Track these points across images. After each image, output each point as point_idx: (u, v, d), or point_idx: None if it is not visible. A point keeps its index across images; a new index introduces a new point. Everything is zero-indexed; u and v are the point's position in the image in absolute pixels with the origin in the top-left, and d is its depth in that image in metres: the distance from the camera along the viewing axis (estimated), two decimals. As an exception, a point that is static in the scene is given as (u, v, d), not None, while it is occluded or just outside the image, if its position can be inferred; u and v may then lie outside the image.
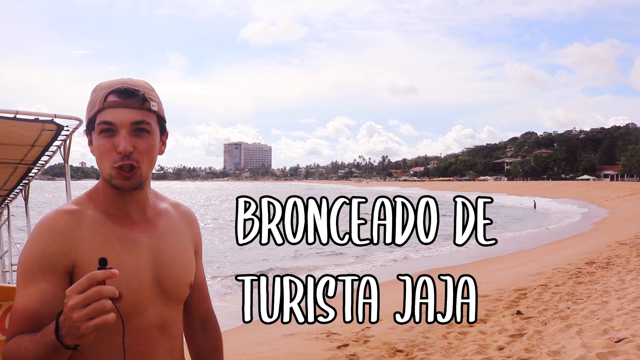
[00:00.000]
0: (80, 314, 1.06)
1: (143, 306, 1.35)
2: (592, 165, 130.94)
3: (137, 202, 1.42)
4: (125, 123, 1.31)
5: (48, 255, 1.28)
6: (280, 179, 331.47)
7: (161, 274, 1.40)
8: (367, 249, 18.74)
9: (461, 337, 6.10)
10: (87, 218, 1.35)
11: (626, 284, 8.19)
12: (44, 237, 1.30)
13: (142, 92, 1.35)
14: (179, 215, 1.56)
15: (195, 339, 1.64)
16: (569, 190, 66.40)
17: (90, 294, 1.07)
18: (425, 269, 14.07)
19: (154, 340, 1.38)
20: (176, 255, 1.46)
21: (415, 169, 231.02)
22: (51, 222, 1.32)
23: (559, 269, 10.54)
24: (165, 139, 1.46)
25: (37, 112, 3.39)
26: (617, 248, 13.68)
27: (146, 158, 1.35)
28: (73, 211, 1.35)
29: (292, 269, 14.57)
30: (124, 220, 1.39)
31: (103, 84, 1.37)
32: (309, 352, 5.87)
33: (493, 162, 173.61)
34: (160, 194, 1.58)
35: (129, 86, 1.34)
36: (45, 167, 5.46)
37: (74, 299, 1.07)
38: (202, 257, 1.65)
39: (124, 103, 1.32)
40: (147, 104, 1.35)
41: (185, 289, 1.48)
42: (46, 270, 1.26)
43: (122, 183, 1.33)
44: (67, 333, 1.09)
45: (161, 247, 1.43)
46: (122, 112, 1.31)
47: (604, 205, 40.96)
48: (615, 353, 4.72)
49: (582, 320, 6.20)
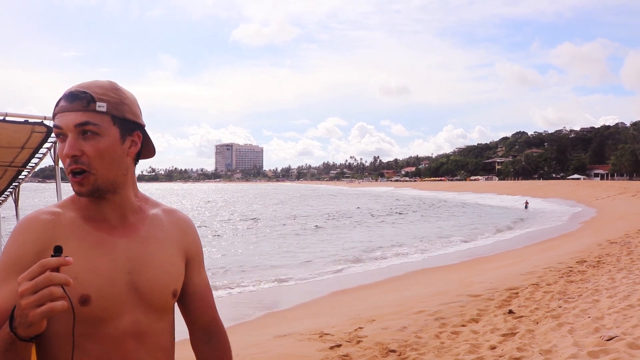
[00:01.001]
0: (28, 300, 1.04)
1: (116, 312, 1.30)
2: (582, 164, 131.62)
3: (115, 207, 1.38)
4: (69, 126, 1.28)
5: (22, 255, 1.26)
6: (272, 180, 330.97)
7: (138, 279, 1.35)
8: (360, 250, 18.79)
9: (453, 337, 6.12)
10: (65, 220, 1.33)
11: (617, 282, 8.24)
12: (20, 237, 1.29)
13: (90, 94, 1.31)
14: (171, 221, 1.51)
15: (201, 351, 1.57)
16: (560, 189, 66.71)
17: (40, 280, 1.05)
18: (415, 269, 14.09)
19: (130, 349, 1.32)
20: (157, 262, 1.40)
21: (406, 169, 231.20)
22: (28, 222, 1.31)
23: (550, 268, 10.59)
24: (136, 139, 1.40)
25: (26, 114, 3.37)
26: (608, 247, 13.77)
27: (98, 161, 1.30)
28: (51, 212, 1.34)
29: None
30: (102, 224, 1.36)
31: (70, 88, 1.35)
32: (301, 353, 5.87)
33: (484, 162, 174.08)
34: (154, 199, 1.54)
35: (75, 89, 1.32)
36: (35, 170, 5.43)
37: (23, 285, 1.05)
38: (203, 265, 1.59)
39: (69, 107, 1.30)
40: (92, 105, 1.30)
41: (167, 297, 1.41)
42: (20, 269, 1.20)
43: (78, 189, 1.31)
44: (19, 323, 1.07)
45: (141, 252, 1.38)
46: (67, 116, 1.29)
47: (594, 205, 41.18)
48: (606, 351, 4.74)
49: (573, 318, 6.23)
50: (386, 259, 16.73)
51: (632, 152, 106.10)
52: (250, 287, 12.38)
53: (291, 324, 7.84)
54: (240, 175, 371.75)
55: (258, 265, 15.61)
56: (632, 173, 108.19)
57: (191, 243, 1.54)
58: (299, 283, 12.95)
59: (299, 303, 10.27)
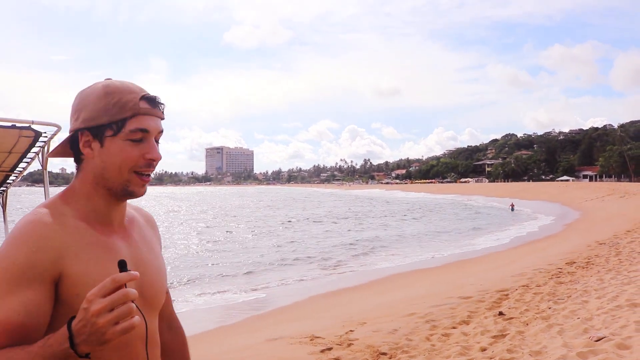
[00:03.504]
0: (107, 318, 1.03)
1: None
2: (571, 166, 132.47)
3: (121, 210, 1.39)
4: (156, 131, 1.33)
5: (34, 263, 1.17)
6: (262, 183, 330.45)
7: (142, 283, 1.33)
8: (343, 252, 18.80)
9: (444, 339, 6.14)
10: (68, 224, 1.27)
11: (605, 283, 8.30)
12: (29, 242, 1.19)
13: (162, 103, 1.37)
14: (144, 220, 1.54)
15: (164, 339, 1.60)
16: (549, 191, 67.11)
17: (117, 297, 1.04)
18: (406, 271, 14.12)
19: (139, 352, 1.32)
20: (152, 263, 1.43)
21: (397, 171, 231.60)
22: (36, 226, 1.22)
23: (540, 270, 10.65)
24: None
25: (14, 119, 3.35)
26: (597, 248, 13.87)
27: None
28: (53, 216, 1.26)
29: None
30: (105, 228, 1.34)
31: (128, 87, 1.33)
32: (292, 356, 5.86)
33: (474, 164, 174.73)
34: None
35: (154, 96, 1.35)
36: (24, 174, 5.39)
37: (99, 303, 1.03)
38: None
39: (153, 111, 1.33)
40: (164, 114, 1.38)
41: (163, 296, 1.46)
42: (31, 279, 1.16)
43: (139, 190, 1.33)
44: (85, 340, 1.05)
45: (138, 255, 1.39)
46: (154, 121, 1.33)
47: (582, 206, 41.48)
48: (595, 352, 4.78)
49: (563, 320, 6.26)
50: (376, 261, 16.75)
51: (620, 154, 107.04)
52: (240, 290, 12.35)
53: (282, 327, 7.83)
54: (231, 179, 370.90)
55: (247, 267, 15.56)
56: (620, 174, 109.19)
57: (159, 239, 1.58)
58: (290, 285, 12.93)
59: (290, 306, 10.26)
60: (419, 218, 37.97)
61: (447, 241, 21.98)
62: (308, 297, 11.15)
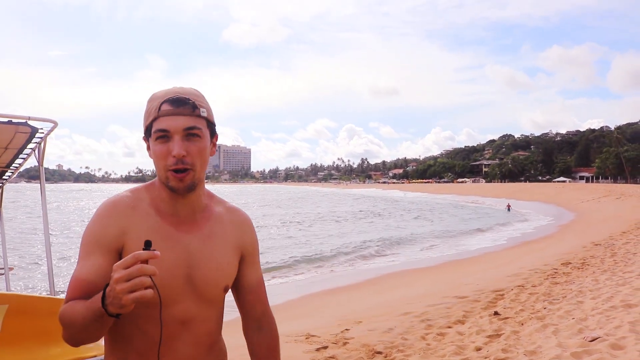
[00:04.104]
0: (122, 286, 1.18)
1: (172, 300, 1.47)
2: (567, 167, 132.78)
3: (187, 204, 1.53)
4: (179, 129, 1.43)
5: (105, 234, 1.44)
6: (259, 182, 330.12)
7: (194, 273, 1.51)
8: (334, 251, 18.79)
9: (439, 339, 6.15)
10: (140, 209, 1.50)
11: (600, 284, 8.32)
12: (104, 217, 1.47)
13: (192, 100, 1.47)
14: (231, 220, 1.66)
15: (251, 340, 1.75)
16: (546, 192, 67.24)
17: (133, 270, 1.19)
18: (401, 270, 14.13)
19: (175, 333, 1.49)
20: (213, 258, 1.55)
21: (394, 171, 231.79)
22: (113, 205, 1.49)
23: (535, 270, 10.68)
24: (215, 141, 1.57)
25: (10, 114, 3.34)
26: (592, 249, 13.90)
27: (198, 160, 1.47)
28: (130, 199, 1.51)
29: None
30: (172, 218, 1.52)
31: (157, 94, 1.49)
32: (288, 355, 5.85)
33: (471, 165, 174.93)
34: (219, 197, 1.69)
35: (180, 95, 1.46)
36: (20, 170, 5.37)
37: (119, 273, 1.20)
38: (258, 262, 1.74)
39: (176, 111, 1.44)
40: (197, 110, 1.46)
41: (218, 291, 1.57)
42: (102, 247, 1.43)
43: (177, 185, 1.46)
44: (111, 302, 1.21)
45: (200, 248, 1.53)
46: (175, 120, 1.44)
47: (578, 207, 41.57)
48: (589, 352, 4.79)
49: (557, 320, 6.28)
50: (373, 260, 16.77)
51: (616, 156, 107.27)
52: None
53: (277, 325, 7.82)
54: (228, 177, 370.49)
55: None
56: (617, 176, 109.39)
57: (248, 241, 1.69)
58: (285, 284, 12.94)
59: (285, 304, 10.25)
60: (414, 217, 38.01)
61: (443, 241, 21.99)
62: (303, 295, 11.14)
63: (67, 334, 1.38)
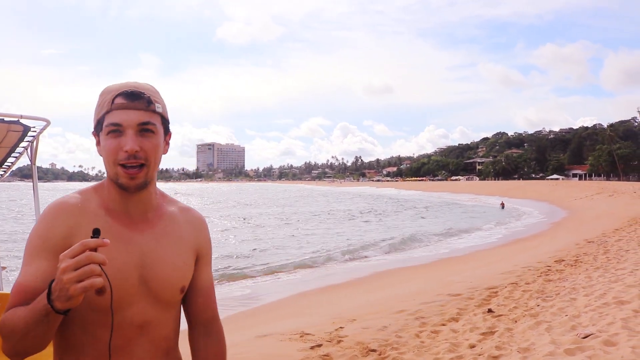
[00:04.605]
0: (70, 276, 1.13)
1: (126, 303, 1.39)
2: (561, 165, 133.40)
3: (138, 202, 1.48)
4: (132, 124, 1.38)
5: (50, 237, 1.37)
6: (253, 180, 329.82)
7: (148, 274, 1.44)
8: (330, 250, 18.80)
9: (433, 336, 6.16)
10: (88, 209, 1.43)
11: (593, 281, 8.37)
12: (49, 219, 1.39)
13: (148, 95, 1.42)
14: (186, 219, 1.60)
15: (197, 346, 1.65)
16: (539, 189, 67.51)
17: (81, 258, 1.14)
18: (395, 268, 14.16)
19: (132, 337, 1.42)
20: (168, 258, 1.49)
21: (388, 169, 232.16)
22: (58, 207, 1.41)
23: (529, 267, 10.72)
24: (168, 139, 1.52)
25: (2, 113, 3.32)
26: (585, 246, 13.97)
27: (152, 157, 1.42)
28: (78, 200, 1.44)
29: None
30: (123, 218, 1.46)
31: (111, 87, 1.43)
32: (282, 353, 5.86)
33: (465, 162, 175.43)
34: (172, 197, 1.64)
35: (135, 89, 1.41)
36: (12, 169, 5.35)
37: (66, 262, 1.15)
38: (211, 264, 1.67)
39: (130, 105, 1.39)
40: (152, 105, 1.42)
41: (174, 293, 1.50)
42: (47, 250, 1.35)
43: (127, 182, 1.40)
44: (57, 296, 1.16)
45: (154, 248, 1.47)
46: (129, 114, 1.38)
47: (572, 205, 41.75)
48: (582, 349, 4.82)
49: (551, 317, 6.31)
50: (366, 258, 16.78)
51: (609, 153, 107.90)
52: (227, 285, 12.34)
53: (272, 324, 7.83)
54: (222, 175, 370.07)
55: (236, 263, 15.55)
56: (609, 173, 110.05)
57: (203, 242, 1.63)
58: (278, 282, 12.93)
59: (279, 302, 10.26)
60: (408, 215, 38.06)
61: (437, 239, 22.04)
62: (297, 293, 11.15)
63: (8, 346, 1.27)
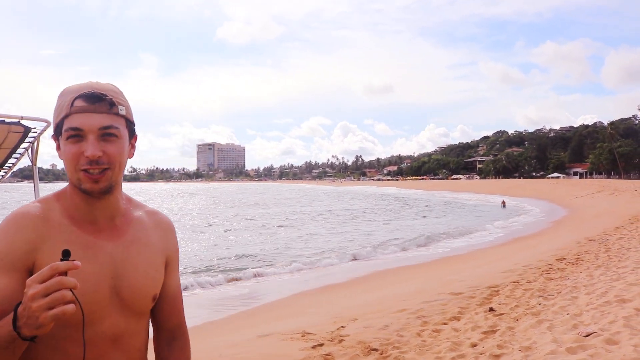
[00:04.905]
0: (39, 303, 1.05)
1: (98, 316, 1.32)
2: (561, 163, 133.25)
3: (105, 208, 1.38)
4: (93, 128, 1.28)
5: (11, 251, 1.26)
6: (254, 180, 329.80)
7: (120, 284, 1.36)
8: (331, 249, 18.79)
9: (435, 335, 6.16)
10: (52, 220, 1.32)
11: (595, 279, 8.36)
12: (8, 233, 1.28)
13: (110, 97, 1.32)
14: (154, 224, 1.52)
15: (163, 353, 1.58)
16: (540, 188, 67.49)
17: (51, 284, 1.05)
18: (396, 267, 14.16)
19: (105, 351, 1.34)
20: (139, 266, 1.41)
21: (389, 168, 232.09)
22: (18, 219, 1.30)
23: (530, 266, 10.71)
24: (134, 142, 1.42)
25: (3, 114, 3.32)
26: (586, 244, 13.95)
27: (116, 162, 1.32)
28: (40, 210, 1.33)
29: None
30: (89, 226, 1.36)
31: (70, 88, 1.34)
32: (284, 352, 5.86)
33: (465, 161, 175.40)
34: (137, 201, 1.54)
35: (96, 91, 1.31)
36: (13, 170, 5.35)
37: (34, 288, 1.06)
38: (178, 269, 1.60)
39: (91, 108, 1.29)
40: (115, 108, 1.32)
41: (147, 301, 1.43)
42: (8, 266, 1.24)
43: (91, 187, 1.30)
44: (25, 323, 1.08)
45: (124, 256, 1.39)
46: (90, 117, 1.29)
47: (572, 203, 41.73)
48: (584, 347, 4.82)
49: (552, 315, 6.31)
50: (368, 258, 16.77)
51: (609, 151, 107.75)
52: (228, 285, 12.34)
53: (273, 323, 7.84)
54: (223, 175, 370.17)
55: (238, 262, 15.55)
56: (610, 171, 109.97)
57: (171, 246, 1.55)
58: (280, 281, 12.93)
59: (280, 302, 10.26)
60: (408, 214, 38.04)
61: (439, 236, 22.01)
62: (298, 292, 11.15)
63: None
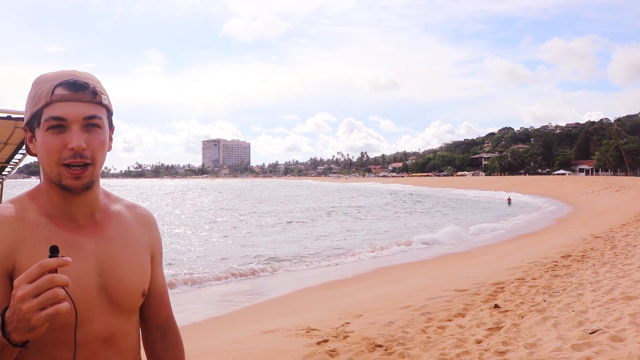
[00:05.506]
0: (31, 304, 0.99)
1: (87, 317, 1.25)
2: (567, 160, 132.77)
3: (84, 204, 1.31)
4: (78, 118, 1.22)
5: None
6: (259, 176, 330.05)
7: (108, 281, 1.31)
8: (337, 245, 18.80)
9: (440, 332, 6.16)
10: (29, 219, 1.25)
11: (600, 276, 8.34)
12: None
13: (93, 85, 1.26)
14: (135, 218, 1.45)
15: (155, 350, 1.53)
16: (546, 185, 67.27)
17: (41, 283, 0.99)
18: (401, 263, 14.16)
19: (98, 353, 1.28)
20: (125, 262, 1.35)
21: (394, 164, 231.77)
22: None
23: (535, 263, 10.69)
24: (112, 134, 1.35)
25: (9, 110, 3.34)
26: (592, 241, 13.91)
27: (98, 155, 1.26)
28: (14, 211, 1.26)
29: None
30: (69, 223, 1.30)
31: (46, 76, 1.27)
32: (288, 348, 5.87)
33: (471, 158, 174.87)
34: (114, 195, 1.47)
35: (78, 78, 1.25)
36: (19, 165, 5.38)
37: (23, 289, 0.99)
38: (162, 262, 1.55)
39: (74, 96, 1.23)
40: (98, 97, 1.26)
41: (137, 298, 1.37)
42: None
43: (72, 183, 1.24)
44: (15, 328, 1.01)
45: (109, 252, 1.33)
46: (74, 107, 1.22)
47: (578, 200, 41.59)
48: (589, 344, 4.81)
49: (558, 312, 6.30)
50: (372, 253, 16.76)
51: (616, 148, 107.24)
52: (235, 280, 12.36)
53: (278, 319, 7.85)
54: (228, 171, 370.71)
55: (243, 258, 15.58)
56: (616, 168, 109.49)
57: (155, 240, 1.50)
58: (286, 277, 12.95)
59: (285, 297, 10.28)
60: (413, 210, 38.00)
61: (443, 233, 21.95)
62: (303, 288, 11.17)
63: None
